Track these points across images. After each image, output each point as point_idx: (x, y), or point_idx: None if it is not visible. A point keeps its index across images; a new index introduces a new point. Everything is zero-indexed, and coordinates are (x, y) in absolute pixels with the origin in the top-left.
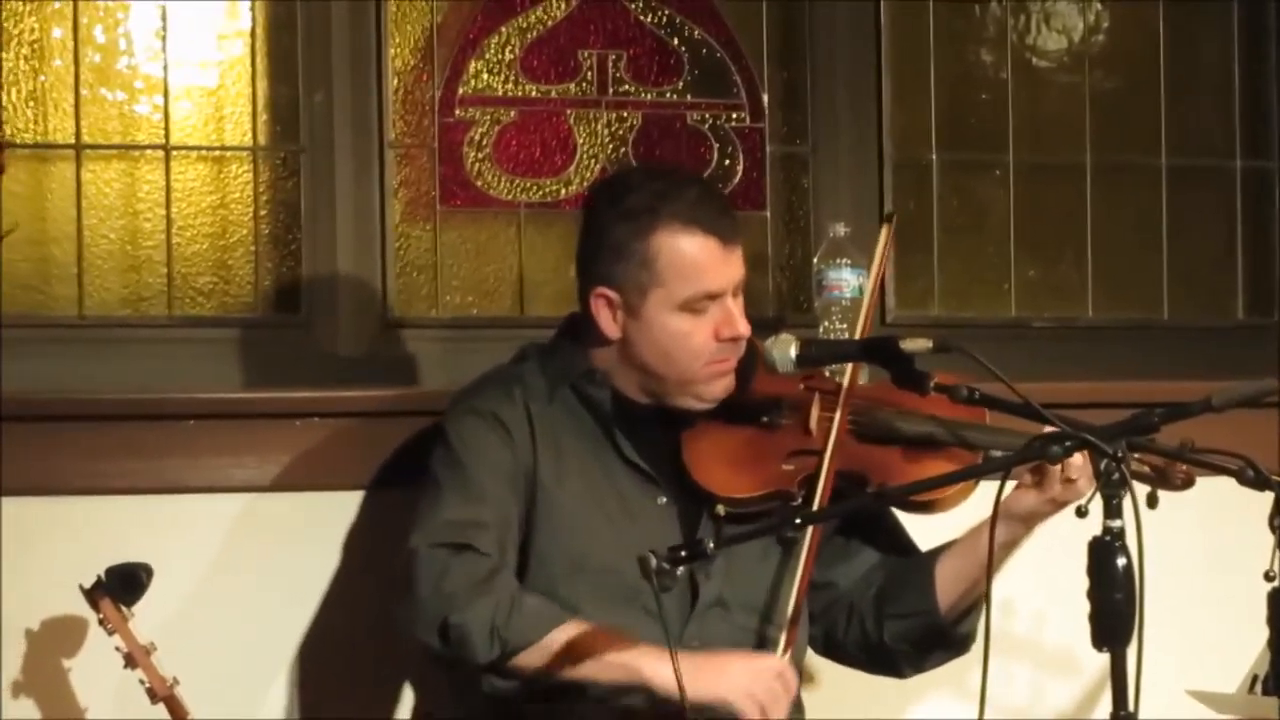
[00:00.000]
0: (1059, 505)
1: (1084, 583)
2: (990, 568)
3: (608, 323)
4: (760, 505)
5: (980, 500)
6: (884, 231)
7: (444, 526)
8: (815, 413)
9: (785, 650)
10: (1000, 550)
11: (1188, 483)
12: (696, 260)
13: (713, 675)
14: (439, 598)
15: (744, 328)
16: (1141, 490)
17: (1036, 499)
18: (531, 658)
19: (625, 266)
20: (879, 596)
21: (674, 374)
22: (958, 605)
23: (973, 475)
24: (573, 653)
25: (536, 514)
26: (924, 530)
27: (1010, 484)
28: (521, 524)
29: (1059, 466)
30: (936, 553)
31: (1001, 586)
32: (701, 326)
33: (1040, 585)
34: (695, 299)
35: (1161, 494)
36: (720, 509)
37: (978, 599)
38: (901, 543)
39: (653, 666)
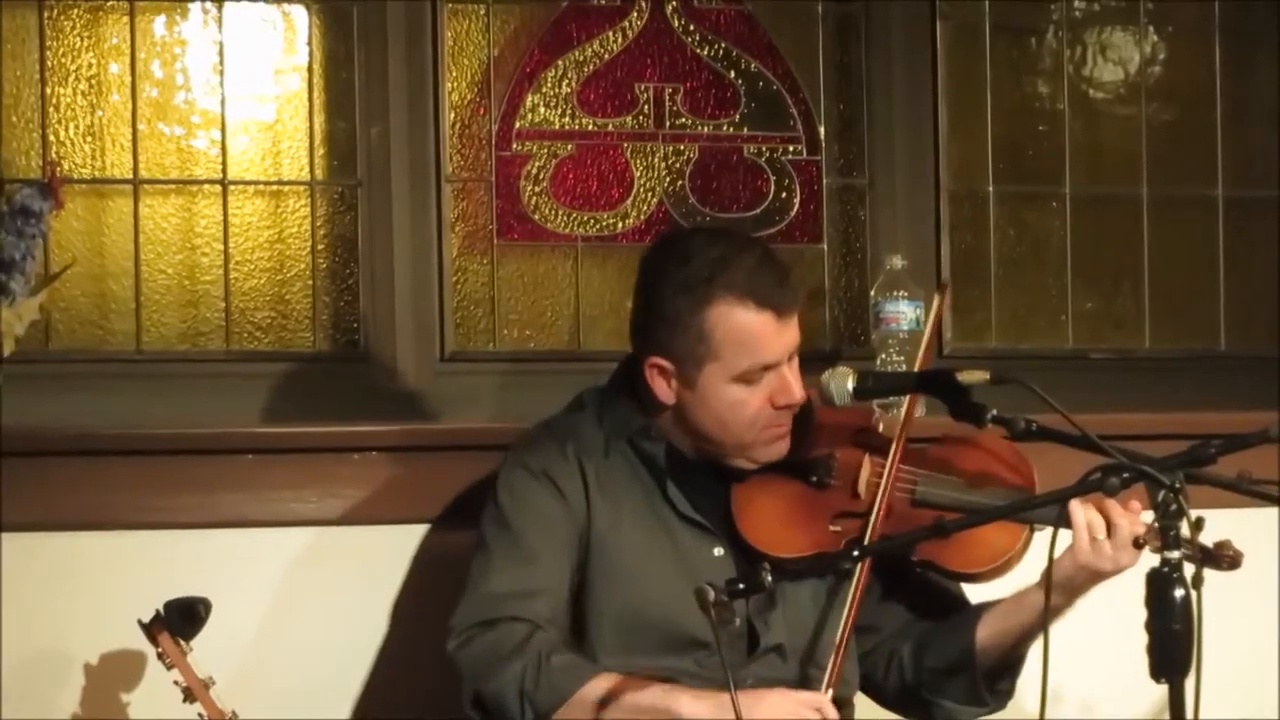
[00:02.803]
0: (1096, 574)
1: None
2: (1047, 608)
3: (663, 390)
4: (804, 565)
5: (1023, 565)
6: (937, 300)
7: (486, 601)
8: (865, 475)
9: (828, 687)
10: (1037, 616)
11: (1233, 565)
12: (753, 334)
13: (748, 706)
14: (472, 672)
15: (800, 394)
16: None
17: (1070, 564)
18: (566, 714)
19: (682, 339)
20: (919, 646)
21: (729, 440)
22: (997, 664)
23: (1028, 507)
24: (607, 703)
25: (592, 568)
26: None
27: (1060, 548)
28: (574, 582)
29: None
30: (980, 610)
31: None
32: (757, 395)
33: (1091, 663)
34: (751, 371)
35: (1228, 527)
36: (765, 567)
37: (1017, 659)
38: (947, 595)
39: (689, 706)
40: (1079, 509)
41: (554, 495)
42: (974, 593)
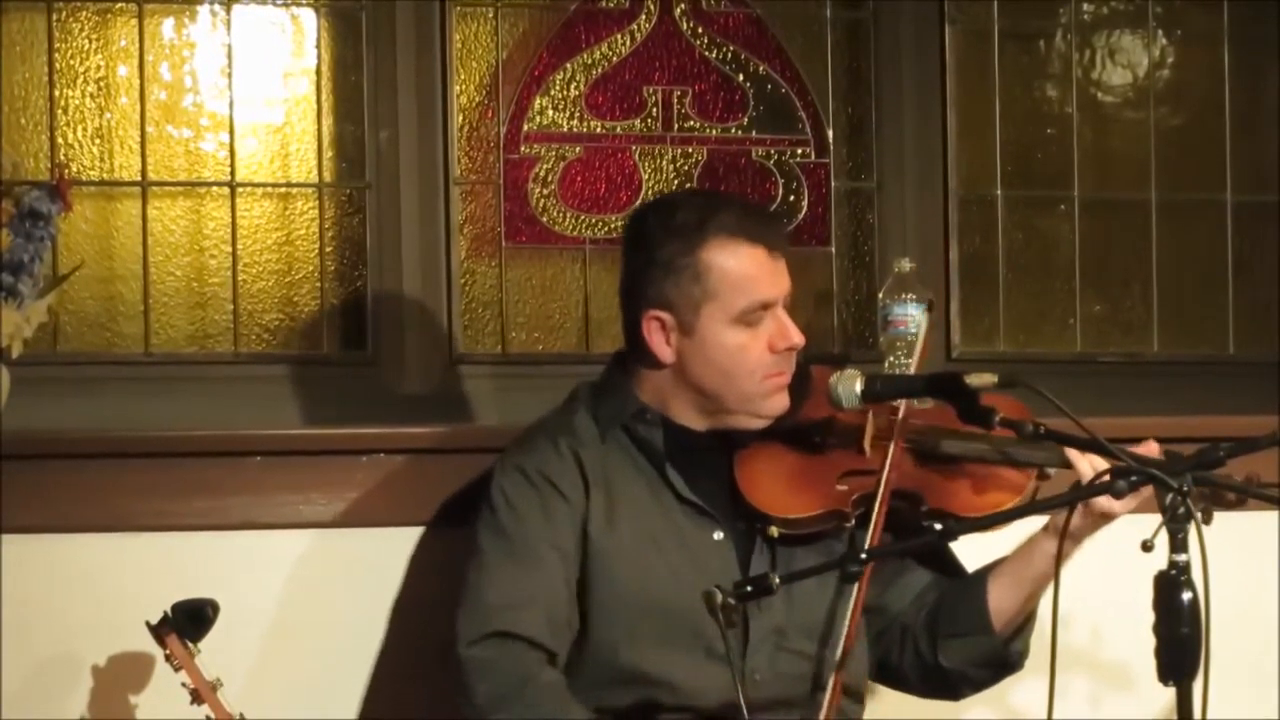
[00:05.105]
0: (1104, 520)
1: (1143, 600)
2: (1056, 593)
3: (661, 346)
4: (814, 525)
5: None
6: (925, 319)
7: (489, 611)
8: (869, 433)
9: (830, 705)
10: (1049, 563)
11: (1240, 500)
12: (748, 270)
13: None
14: (487, 701)
15: (798, 337)
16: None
17: (1081, 517)
18: None
19: (677, 283)
20: (932, 618)
21: (732, 391)
22: (1010, 623)
23: (1039, 510)
24: None
25: (592, 560)
26: (974, 546)
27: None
28: (575, 577)
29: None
30: (987, 571)
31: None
32: (757, 339)
33: (1098, 601)
34: (750, 310)
35: (1227, 530)
36: (774, 530)
37: (1029, 616)
38: (952, 564)
39: None
40: (1081, 460)
41: (553, 495)
42: (980, 552)
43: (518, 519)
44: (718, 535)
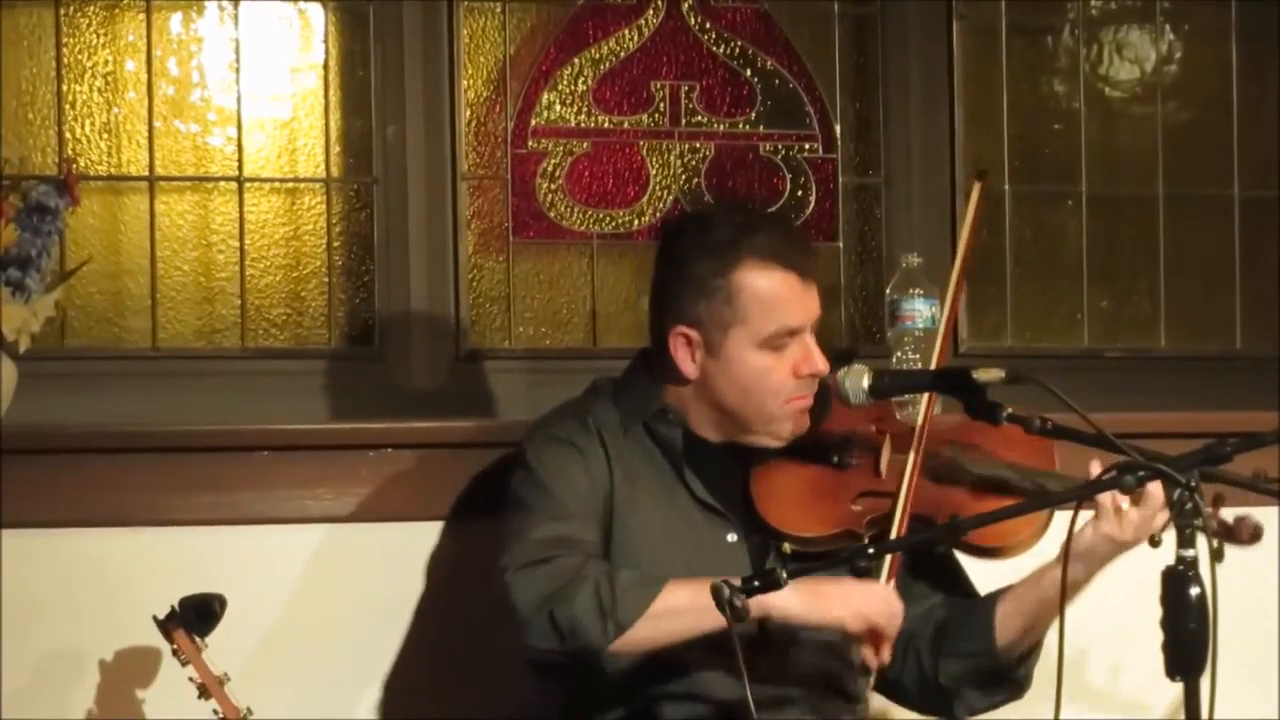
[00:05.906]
0: (1118, 545)
1: (1154, 625)
2: (1063, 602)
3: (686, 362)
4: (827, 545)
5: (1040, 545)
6: (976, 190)
7: (533, 545)
8: (886, 454)
9: (889, 578)
10: (1057, 588)
11: (1255, 537)
12: (779, 296)
13: (827, 599)
14: (540, 601)
15: (823, 364)
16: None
17: (1092, 534)
18: (646, 627)
19: (707, 303)
20: (938, 635)
21: (752, 412)
22: (1016, 646)
23: (1046, 505)
24: (686, 609)
25: (613, 540)
26: (987, 574)
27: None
28: (602, 547)
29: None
30: (997, 595)
31: (1070, 628)
32: (781, 363)
33: (1110, 627)
34: (777, 335)
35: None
36: (787, 547)
37: (1036, 642)
38: (963, 585)
39: (778, 600)
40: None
41: (581, 462)
42: (993, 577)
43: (554, 474)
44: (731, 537)
